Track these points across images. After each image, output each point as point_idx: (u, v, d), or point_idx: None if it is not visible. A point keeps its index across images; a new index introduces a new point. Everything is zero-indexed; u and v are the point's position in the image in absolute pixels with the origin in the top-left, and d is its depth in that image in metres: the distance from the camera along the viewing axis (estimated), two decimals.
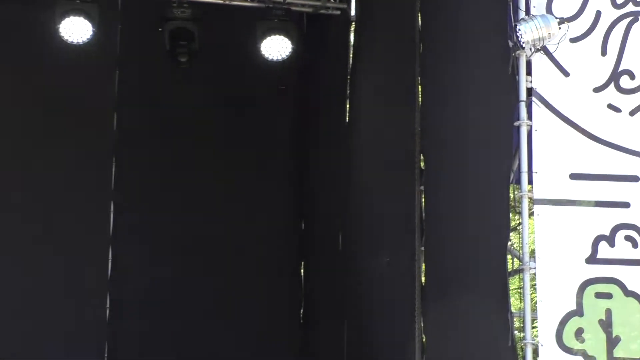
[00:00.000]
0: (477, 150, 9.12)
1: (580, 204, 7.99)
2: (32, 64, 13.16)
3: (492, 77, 8.73)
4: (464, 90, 9.50)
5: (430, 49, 10.41)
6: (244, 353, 12.96)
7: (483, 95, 9.03)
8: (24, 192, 13.16)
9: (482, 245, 8.83)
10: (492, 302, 8.50)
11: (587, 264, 7.87)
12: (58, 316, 12.93)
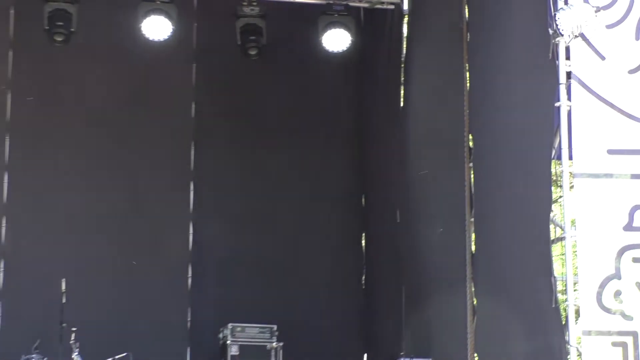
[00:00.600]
0: (521, 129, 9.06)
1: (617, 177, 7.90)
2: (118, 60, 13.24)
3: (534, 62, 8.68)
4: (508, 74, 9.45)
5: (476, 37, 10.37)
6: (313, 314, 13.01)
7: (525, 79, 8.98)
8: (115, 173, 13.29)
9: (527, 216, 8.79)
10: (537, 268, 8.46)
11: (624, 232, 7.79)
12: (145, 285, 13.05)
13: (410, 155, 11.97)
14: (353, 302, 13.58)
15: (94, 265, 12.68)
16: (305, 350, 12.25)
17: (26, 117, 13.19)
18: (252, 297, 12.93)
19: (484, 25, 10.16)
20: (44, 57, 13.07)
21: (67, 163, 13.18)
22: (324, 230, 13.61)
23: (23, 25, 13.12)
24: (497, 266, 9.59)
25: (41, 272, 12.31)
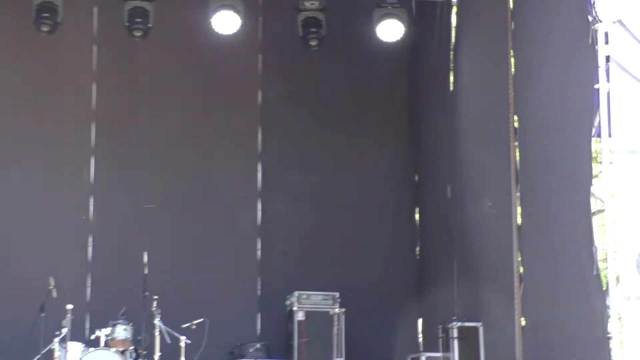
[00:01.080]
0: (563, 110, 9.01)
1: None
2: (191, 52, 13.34)
3: (574, 47, 8.63)
4: (551, 59, 9.40)
5: (520, 25, 10.31)
6: (371, 283, 13.02)
7: (567, 63, 8.92)
8: (190, 155, 13.42)
9: (569, 190, 8.75)
10: (579, 238, 8.42)
11: None
12: (219, 257, 13.17)
13: (460, 135, 11.97)
14: (408, 272, 13.58)
15: (172, 240, 12.83)
16: (364, 316, 12.32)
17: (109, 106, 13.33)
18: (316, 267, 13.03)
19: (527, 14, 10.07)
20: (124, 51, 13.20)
21: (147, 146, 13.31)
22: (380, 206, 13.60)
23: (105, 22, 13.24)
24: (541, 237, 9.56)
25: (125, 246, 12.49)
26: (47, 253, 12.46)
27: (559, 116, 9.11)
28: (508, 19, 10.49)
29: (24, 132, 12.98)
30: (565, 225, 8.80)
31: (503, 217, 10.41)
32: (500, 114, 10.56)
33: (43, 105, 13.10)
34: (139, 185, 13.21)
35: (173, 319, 10.97)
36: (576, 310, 8.46)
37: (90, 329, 11.77)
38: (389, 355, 12.27)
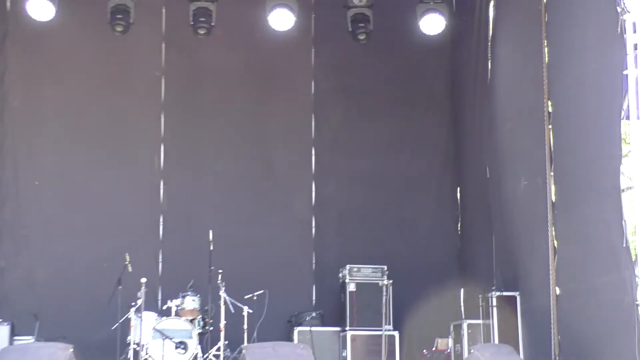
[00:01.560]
0: (594, 94, 8.95)
1: None
2: (250, 48, 13.45)
3: (604, 36, 8.58)
4: (582, 48, 9.32)
5: (553, 17, 10.22)
6: (417, 256, 13.09)
7: (597, 51, 8.84)
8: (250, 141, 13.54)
9: (600, 169, 8.71)
10: (610, 213, 8.36)
11: None
12: (277, 234, 13.28)
13: (497, 120, 11.90)
14: (450, 246, 13.60)
15: (235, 219, 12.95)
16: (410, 287, 12.29)
17: (177, 98, 13.45)
18: (366, 243, 13.07)
19: (560, 6, 9.99)
20: (189, 48, 13.31)
21: (211, 134, 13.43)
22: (424, 186, 13.64)
23: (172, 21, 13.36)
24: (574, 212, 9.50)
25: (192, 225, 12.63)
26: (123, 232, 12.66)
27: (591, 101, 9.04)
28: (542, 12, 10.38)
29: (101, 123, 13.14)
30: (597, 201, 8.74)
31: (538, 194, 10.32)
32: (535, 99, 10.48)
33: (118, 98, 13.25)
34: (204, 169, 13.37)
35: (236, 290, 11.08)
36: (607, 280, 8.42)
37: (162, 300, 11.95)
38: (433, 323, 12.25)
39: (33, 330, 11.07)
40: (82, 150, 13.00)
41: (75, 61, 13.21)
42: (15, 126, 13.06)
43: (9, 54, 13.14)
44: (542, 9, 10.36)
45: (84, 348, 9.38)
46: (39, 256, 12.67)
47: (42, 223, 12.85)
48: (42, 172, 13.02)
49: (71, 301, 12.10)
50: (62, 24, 12.56)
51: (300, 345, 10.14)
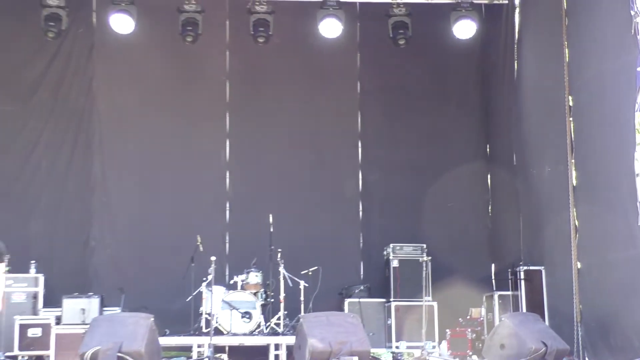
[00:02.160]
0: (610, 90, 8.89)
1: None
2: (303, 54, 13.45)
3: (619, 37, 8.48)
4: (599, 48, 9.24)
5: (573, 20, 10.17)
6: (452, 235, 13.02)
7: (613, 51, 8.78)
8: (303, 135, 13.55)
9: (616, 156, 8.67)
10: (625, 195, 8.30)
11: None
12: (328, 217, 13.28)
13: (523, 113, 11.86)
14: (482, 226, 13.46)
15: (292, 204, 12.96)
16: (447, 262, 12.27)
17: (240, 99, 13.50)
18: (407, 224, 13.00)
19: (579, 12, 9.91)
20: (250, 55, 13.33)
21: (270, 130, 13.46)
22: (457, 173, 13.41)
23: (235, 32, 13.38)
24: (593, 195, 9.46)
25: (255, 210, 12.64)
26: (195, 217, 12.77)
27: (607, 95, 8.97)
28: (563, 17, 10.30)
29: (174, 121, 13.24)
30: (613, 185, 8.69)
31: (561, 179, 10.27)
32: (557, 94, 10.39)
33: (188, 99, 13.34)
34: (264, 160, 13.39)
35: (293, 267, 11.22)
36: (624, 255, 8.35)
37: (229, 275, 11.98)
38: (467, 294, 12.21)
39: (119, 302, 11.27)
40: (158, 145, 13.14)
41: (151, 68, 13.32)
42: (101, 125, 13.24)
43: (95, 63, 13.33)
44: (562, 14, 10.29)
45: (163, 317, 9.50)
46: (123, 238, 12.88)
47: (126, 209, 13.03)
48: (125, 165, 13.20)
49: (151, 277, 12.27)
50: (140, 36, 12.73)
51: (351, 315, 10.15)
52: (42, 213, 12.81)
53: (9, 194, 12.73)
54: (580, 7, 9.86)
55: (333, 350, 7.70)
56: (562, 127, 10.23)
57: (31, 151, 13.02)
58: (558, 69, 10.33)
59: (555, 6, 10.47)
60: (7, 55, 13.07)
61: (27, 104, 13.12)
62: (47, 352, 10.38)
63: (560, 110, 10.31)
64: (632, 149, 8.24)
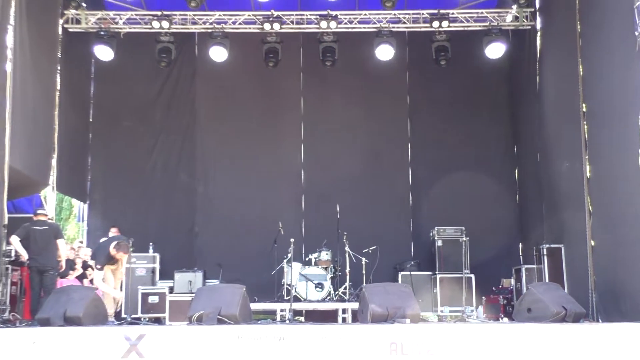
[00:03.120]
0: (618, 98, 8.72)
1: None
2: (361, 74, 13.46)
3: (626, 54, 8.28)
4: (609, 63, 9.07)
5: (586, 41, 9.95)
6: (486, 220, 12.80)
7: (620, 66, 8.55)
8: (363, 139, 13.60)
9: (623, 152, 8.47)
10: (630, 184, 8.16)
11: None
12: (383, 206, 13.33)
13: (545, 119, 11.69)
14: (511, 211, 13.25)
15: (354, 196, 12.97)
16: (482, 242, 12.14)
17: (312, 112, 13.63)
18: (449, 211, 12.84)
19: (591, 33, 9.70)
20: (320, 75, 13.47)
21: (336, 136, 13.54)
22: (490, 169, 13.33)
23: (307, 57, 13.54)
24: (604, 185, 9.30)
25: (325, 201, 12.70)
26: (277, 207, 12.96)
27: (615, 103, 8.78)
28: (577, 38, 10.10)
29: (260, 130, 13.45)
30: (621, 176, 8.51)
31: (577, 172, 10.08)
32: (573, 103, 10.19)
33: (270, 113, 13.56)
34: (332, 161, 13.45)
35: (356, 246, 11.21)
36: (631, 234, 8.17)
37: (305, 253, 12.08)
38: (499, 268, 12.11)
39: (218, 276, 11.48)
40: (248, 150, 13.34)
41: (241, 88, 13.55)
42: (202, 136, 13.60)
43: (197, 86, 13.69)
44: (577, 36, 10.09)
45: (252, 288, 9.51)
46: (220, 225, 13.15)
47: (222, 203, 13.29)
48: (221, 168, 13.49)
49: (243, 255, 12.42)
50: (232, 63, 12.99)
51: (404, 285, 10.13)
52: (158, 206, 13.21)
53: (131, 192, 13.15)
54: (591, 30, 9.65)
55: (389, 314, 7.70)
56: (578, 129, 10.03)
57: (148, 158, 13.44)
58: (574, 82, 10.14)
59: (570, 29, 10.27)
60: (129, 81, 13.53)
61: (145, 119, 13.57)
62: (163, 314, 10.59)
63: (575, 115, 10.12)
64: (637, 146, 8.05)
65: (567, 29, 10.42)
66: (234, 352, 7.04)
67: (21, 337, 7.02)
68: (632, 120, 8.12)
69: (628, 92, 8.23)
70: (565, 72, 10.56)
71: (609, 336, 7.08)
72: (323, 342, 7.04)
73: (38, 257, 9.67)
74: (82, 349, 6.91)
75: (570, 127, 10.34)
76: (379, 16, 12.79)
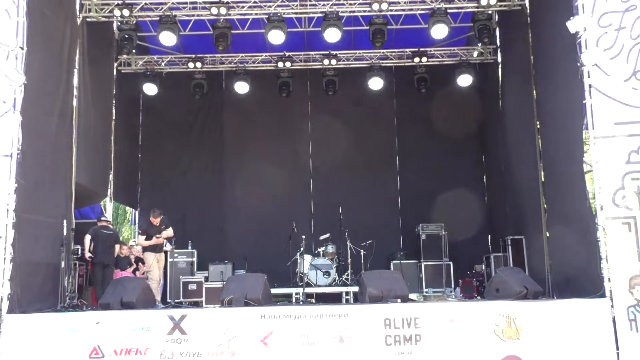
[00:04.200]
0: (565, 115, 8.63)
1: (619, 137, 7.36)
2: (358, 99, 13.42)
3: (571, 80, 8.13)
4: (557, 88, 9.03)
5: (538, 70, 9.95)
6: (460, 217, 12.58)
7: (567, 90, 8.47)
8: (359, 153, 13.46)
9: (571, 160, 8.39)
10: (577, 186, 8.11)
11: (625, 164, 7.28)
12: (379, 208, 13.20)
13: (507, 135, 11.63)
14: (481, 210, 13.14)
15: (354, 199, 12.81)
16: (458, 235, 11.98)
17: (318, 131, 13.62)
18: (431, 210, 12.61)
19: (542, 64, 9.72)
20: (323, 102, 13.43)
21: (338, 150, 13.33)
22: (464, 176, 13.28)
23: (313, 88, 13.45)
24: (555, 187, 9.22)
25: (329, 204, 12.36)
26: (290, 210, 12.85)
27: (564, 120, 8.68)
28: (530, 69, 10.11)
29: (276, 146, 13.42)
30: (569, 180, 8.43)
31: (533, 177, 10.04)
32: (529, 121, 10.18)
33: (283, 133, 13.55)
34: (334, 172, 13.38)
35: (356, 241, 11.18)
36: (577, 227, 8.11)
37: (314, 247, 11.96)
38: (472, 256, 12.03)
39: (244, 267, 11.53)
40: (266, 164, 13.22)
41: (259, 114, 13.56)
42: (230, 154, 13.65)
43: (224, 114, 13.77)
44: (530, 67, 10.10)
45: (272, 276, 9.43)
46: (246, 225, 13.12)
47: (246, 207, 13.25)
48: (245, 178, 13.45)
49: (264, 249, 12.25)
50: (252, 94, 13.11)
51: (395, 271, 10.18)
52: (194, 211, 13.12)
53: (172, 200, 13.14)
54: (542, 62, 9.64)
55: (384, 295, 7.72)
56: (533, 142, 10.02)
57: (185, 172, 13.49)
58: (529, 104, 10.12)
59: (525, 62, 10.26)
60: (170, 111, 13.62)
61: (182, 141, 13.65)
62: (200, 299, 10.57)
63: (531, 131, 10.11)
64: (581, 155, 8.04)
65: (523, 61, 10.41)
66: (258, 327, 7.09)
67: (87, 319, 7.10)
68: (577, 133, 8.09)
69: (573, 111, 8.16)
70: (522, 96, 10.54)
71: (562, 310, 7.10)
72: (330, 319, 7.09)
73: (102, 255, 9.92)
74: (135, 327, 6.98)
75: (527, 140, 10.32)
76: (370, 54, 12.82)
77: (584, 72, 7.66)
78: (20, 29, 7.68)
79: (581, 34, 7.68)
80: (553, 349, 6.90)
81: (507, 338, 6.96)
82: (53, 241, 8.57)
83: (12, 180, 7.34)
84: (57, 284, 8.44)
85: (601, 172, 7.44)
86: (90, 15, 10.63)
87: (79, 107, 9.96)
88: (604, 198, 7.27)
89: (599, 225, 7.37)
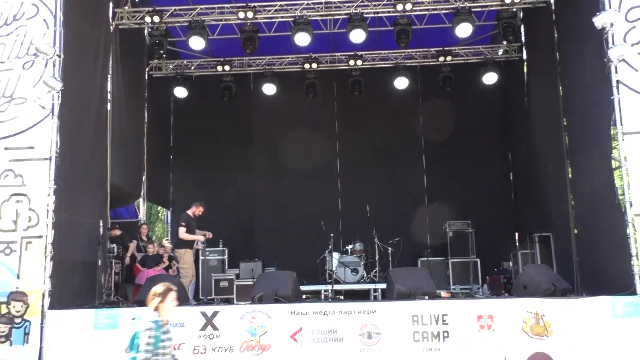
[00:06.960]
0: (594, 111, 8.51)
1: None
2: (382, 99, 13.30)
3: (598, 76, 8.06)
4: (584, 85, 8.91)
5: (564, 67, 9.77)
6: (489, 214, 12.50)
7: (594, 86, 8.38)
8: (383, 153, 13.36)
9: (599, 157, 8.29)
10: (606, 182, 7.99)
11: None
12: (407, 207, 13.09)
13: (533, 132, 11.44)
14: (508, 207, 12.95)
15: (381, 198, 12.76)
16: (485, 233, 11.85)
17: (344, 130, 13.59)
18: (458, 208, 12.44)
19: (568, 60, 9.55)
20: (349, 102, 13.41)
21: (363, 149, 13.33)
22: (490, 174, 13.09)
23: (339, 88, 13.47)
24: (584, 184, 9.07)
25: (357, 203, 12.08)
26: (319, 209, 12.64)
27: (591, 116, 8.58)
28: (556, 65, 9.94)
29: (301, 148, 13.19)
30: (598, 176, 8.32)
31: (561, 173, 9.87)
32: (555, 118, 10.02)
33: (312, 132, 13.33)
34: (362, 171, 13.29)
35: (384, 238, 11.07)
36: (606, 224, 7.99)
37: (342, 245, 11.91)
38: (499, 253, 11.85)
39: (274, 264, 11.53)
40: (294, 164, 13.17)
41: (287, 114, 13.51)
42: (258, 154, 13.71)
43: (252, 115, 13.85)
44: (556, 64, 9.93)
45: (301, 273, 9.46)
46: (275, 224, 13.15)
47: (276, 206, 13.32)
48: (274, 178, 13.50)
49: (293, 247, 12.19)
50: (279, 96, 13.17)
51: (422, 269, 10.15)
52: (225, 211, 13.07)
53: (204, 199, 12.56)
54: (568, 58, 9.51)
55: (411, 292, 7.72)
56: (560, 139, 9.86)
57: (216, 172, 13.55)
58: (555, 100, 9.98)
59: (551, 58, 10.11)
60: (200, 113, 13.70)
61: (212, 142, 13.71)
62: (231, 296, 10.60)
63: (558, 127, 9.96)
64: (609, 151, 7.90)
65: (548, 58, 10.27)
66: (288, 323, 7.14)
67: (124, 314, 7.26)
68: (605, 129, 7.98)
69: (600, 108, 8.08)
70: (548, 93, 10.42)
71: (590, 307, 6.99)
72: (359, 315, 7.10)
73: None
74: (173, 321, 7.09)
75: (554, 137, 10.18)
76: (395, 54, 12.78)
77: (611, 68, 7.56)
78: (57, 38, 8.00)
79: (608, 30, 7.57)
80: (582, 346, 6.81)
81: (535, 335, 6.90)
82: (90, 240, 8.79)
83: (51, 182, 7.58)
84: (94, 281, 8.65)
85: (630, 168, 7.33)
86: (122, 23, 10.86)
87: (112, 111, 10.19)
88: (633, 194, 7.14)
89: (629, 222, 7.27)
